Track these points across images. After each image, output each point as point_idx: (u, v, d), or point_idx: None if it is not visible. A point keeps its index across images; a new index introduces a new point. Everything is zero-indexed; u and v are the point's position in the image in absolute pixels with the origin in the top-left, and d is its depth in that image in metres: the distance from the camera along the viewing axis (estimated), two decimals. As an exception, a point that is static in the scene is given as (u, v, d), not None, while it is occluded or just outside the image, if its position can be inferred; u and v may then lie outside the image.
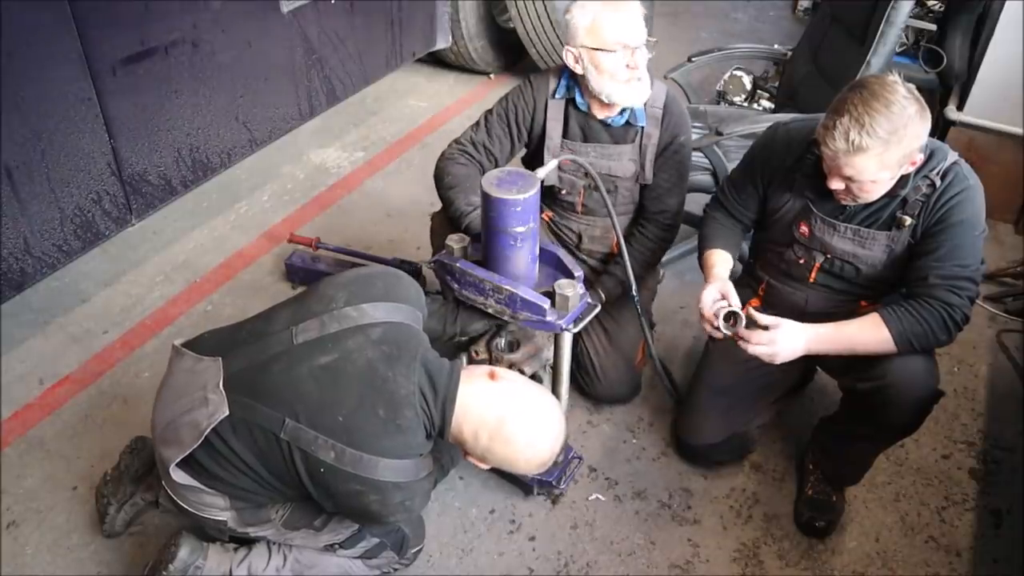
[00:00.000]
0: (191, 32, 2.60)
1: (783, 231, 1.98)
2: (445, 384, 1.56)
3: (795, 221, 1.94)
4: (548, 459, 1.61)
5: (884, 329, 1.74)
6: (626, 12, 1.98)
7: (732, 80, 3.76)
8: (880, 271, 1.88)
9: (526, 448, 1.57)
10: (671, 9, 5.32)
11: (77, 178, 2.39)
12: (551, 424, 1.61)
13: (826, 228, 1.89)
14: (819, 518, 2.08)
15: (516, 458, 1.59)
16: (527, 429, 1.57)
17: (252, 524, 1.71)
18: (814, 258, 1.95)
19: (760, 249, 2.13)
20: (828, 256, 1.92)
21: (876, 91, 1.61)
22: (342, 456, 1.49)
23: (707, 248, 2.06)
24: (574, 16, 2.02)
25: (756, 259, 2.16)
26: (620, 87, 2.02)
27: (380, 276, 1.72)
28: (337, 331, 1.57)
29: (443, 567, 2.00)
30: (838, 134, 1.61)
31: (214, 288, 2.88)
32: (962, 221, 1.74)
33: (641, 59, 2.01)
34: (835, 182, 1.73)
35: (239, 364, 1.59)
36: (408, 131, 3.94)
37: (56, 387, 2.46)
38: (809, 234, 1.92)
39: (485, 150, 2.17)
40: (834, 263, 1.92)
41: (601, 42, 1.98)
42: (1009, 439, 2.35)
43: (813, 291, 2.00)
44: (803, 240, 1.94)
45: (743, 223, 2.10)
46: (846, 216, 1.87)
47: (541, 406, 1.61)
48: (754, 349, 1.78)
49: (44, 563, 1.98)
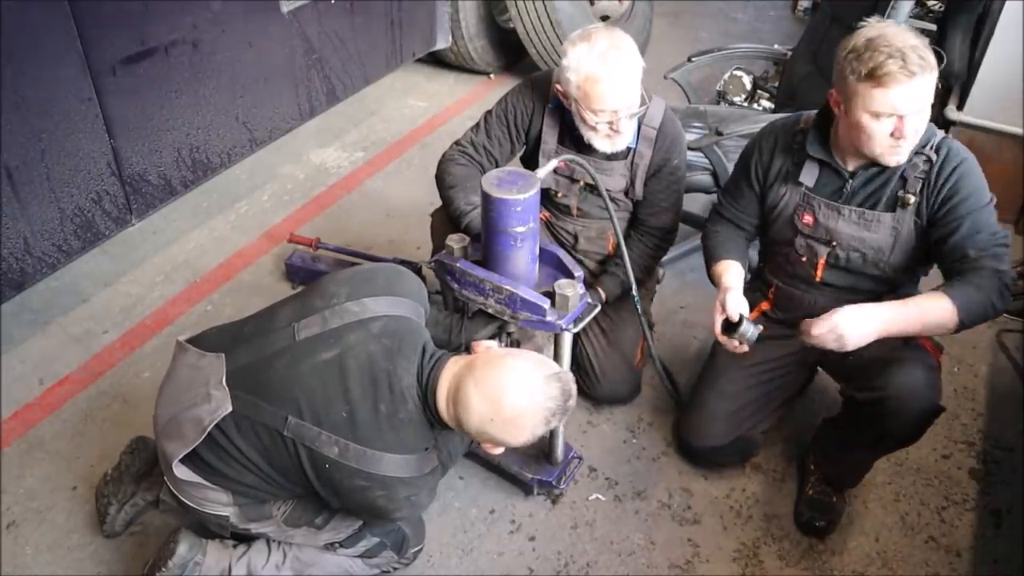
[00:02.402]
0: (191, 32, 2.60)
1: (785, 226, 1.97)
2: (429, 370, 1.55)
3: (796, 212, 1.93)
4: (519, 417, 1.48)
5: (947, 300, 1.68)
6: (617, 79, 1.91)
7: (732, 80, 3.76)
8: (887, 258, 1.87)
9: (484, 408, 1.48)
10: (671, 9, 5.31)
11: (77, 178, 2.39)
12: (512, 380, 1.49)
13: (830, 213, 1.88)
14: (819, 518, 2.08)
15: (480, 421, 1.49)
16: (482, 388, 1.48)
17: (254, 520, 1.71)
18: (818, 253, 1.93)
19: (767, 252, 2.13)
20: (833, 246, 1.90)
21: (889, 31, 1.63)
22: (346, 451, 1.49)
23: (714, 261, 2.03)
24: (569, 61, 1.93)
25: (765, 263, 2.15)
26: (599, 139, 2.03)
27: (381, 271, 1.73)
28: (339, 326, 1.57)
29: (443, 567, 2.00)
30: (892, 66, 1.59)
31: (214, 288, 2.88)
32: (971, 194, 1.74)
33: (625, 124, 1.98)
34: (882, 128, 1.67)
35: (242, 360, 1.59)
36: (408, 131, 3.94)
37: (56, 387, 2.46)
38: (814, 222, 1.90)
39: (485, 151, 2.17)
40: (839, 254, 1.90)
41: (587, 103, 1.95)
42: (1009, 439, 2.35)
43: (820, 292, 2.00)
44: (807, 231, 1.92)
45: (746, 230, 2.09)
46: (846, 198, 1.86)
47: (502, 365, 1.52)
48: (817, 337, 1.71)
49: (44, 563, 1.98)
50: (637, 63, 1.94)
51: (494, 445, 1.60)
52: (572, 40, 1.95)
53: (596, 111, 1.95)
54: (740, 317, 1.84)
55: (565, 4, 3.85)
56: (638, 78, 1.96)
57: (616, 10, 4.31)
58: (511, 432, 1.51)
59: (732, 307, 1.86)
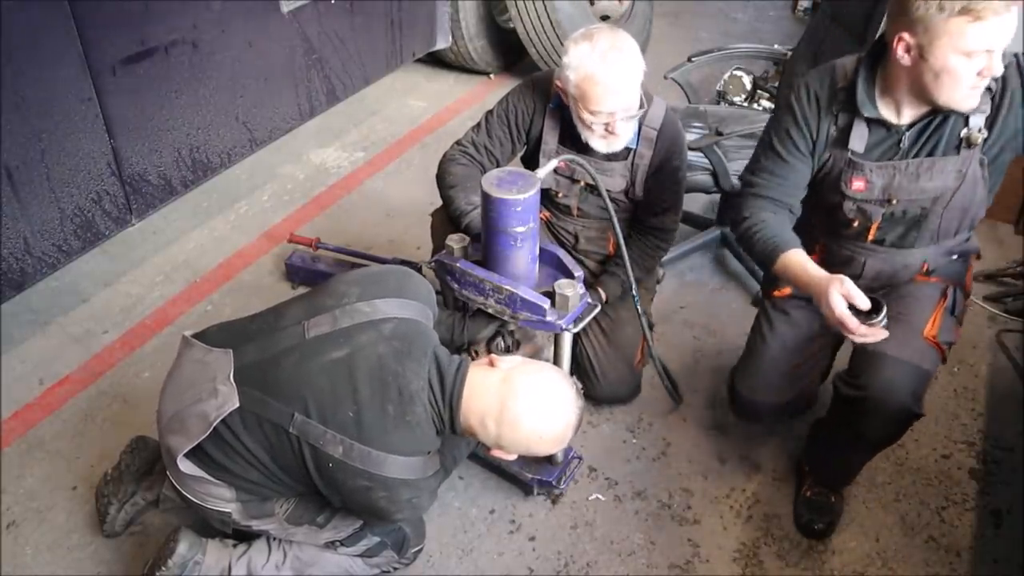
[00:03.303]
0: (191, 32, 2.60)
1: (831, 190, 1.81)
2: (453, 379, 1.56)
3: (843, 178, 1.76)
4: (563, 432, 1.57)
5: None
6: (615, 81, 1.89)
7: (732, 80, 3.76)
8: (949, 201, 1.73)
9: (535, 426, 1.54)
10: (671, 9, 5.31)
11: (77, 178, 2.40)
12: (555, 398, 1.57)
13: (884, 173, 1.73)
14: (818, 520, 2.07)
15: (528, 438, 1.56)
16: (531, 408, 1.54)
17: (256, 517, 1.71)
18: (871, 216, 1.79)
19: (813, 207, 1.91)
20: (890, 203, 1.75)
21: None
22: (350, 451, 1.49)
23: (782, 252, 1.76)
24: (569, 59, 1.92)
25: (811, 217, 1.94)
26: (595, 139, 2.02)
27: (392, 273, 1.73)
28: (349, 326, 1.58)
29: (443, 567, 2.00)
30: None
31: (214, 288, 2.88)
32: None
33: (621, 126, 1.97)
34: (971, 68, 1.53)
35: (250, 357, 1.59)
36: (408, 131, 3.94)
37: (56, 387, 2.46)
38: (865, 186, 1.74)
39: (486, 151, 2.17)
40: (895, 211, 1.76)
41: (584, 103, 1.94)
42: (1009, 439, 2.35)
43: (872, 253, 1.87)
44: (858, 196, 1.76)
45: (792, 211, 1.88)
46: (902, 153, 1.71)
47: (542, 382, 1.58)
48: None
49: (44, 563, 1.98)
50: (638, 66, 1.94)
51: (509, 453, 1.62)
52: (575, 38, 1.95)
53: (593, 111, 1.95)
54: (874, 302, 1.61)
55: (565, 4, 3.85)
56: (638, 81, 1.95)
57: (616, 10, 4.31)
58: (556, 447, 1.63)
59: (861, 296, 1.60)
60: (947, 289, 1.91)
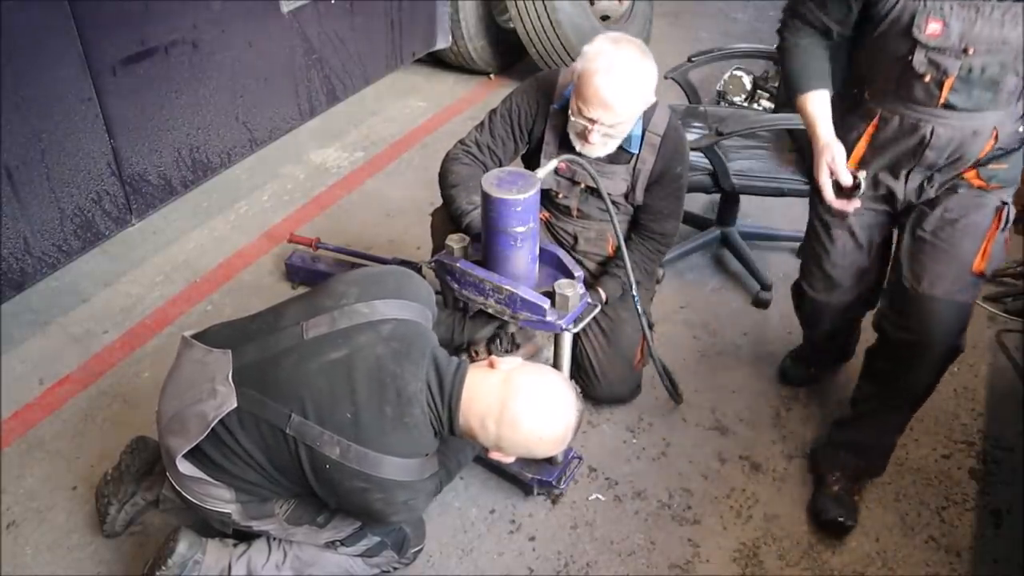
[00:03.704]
0: (191, 32, 2.60)
1: (899, 39, 1.62)
2: (451, 380, 1.56)
3: (917, 21, 1.58)
4: (563, 434, 1.58)
5: None
6: (607, 93, 1.88)
7: (732, 80, 3.76)
8: None
9: (535, 428, 1.55)
10: (671, 9, 5.31)
11: (77, 178, 2.40)
12: (555, 400, 1.57)
13: (966, 15, 1.54)
14: (848, 517, 2.04)
15: (528, 440, 1.56)
16: (531, 409, 1.54)
17: (256, 518, 1.71)
18: (946, 69, 1.60)
19: (866, 70, 1.75)
20: (968, 54, 1.56)
21: None
22: (347, 452, 1.49)
23: (800, 91, 1.72)
24: (589, 48, 1.92)
25: (866, 84, 1.78)
26: (572, 133, 2.03)
27: (392, 274, 1.73)
28: (347, 327, 1.57)
29: (443, 567, 2.00)
30: None
31: (214, 288, 2.88)
32: None
33: (596, 137, 1.96)
34: None
35: (249, 357, 1.59)
36: (408, 131, 3.94)
37: (56, 387, 2.46)
38: (943, 30, 1.56)
39: (489, 151, 2.17)
40: (973, 67, 1.58)
41: (576, 95, 1.94)
42: (1009, 439, 2.35)
43: (940, 119, 1.67)
44: (933, 43, 1.58)
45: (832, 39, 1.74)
46: None
47: (541, 384, 1.58)
48: None
49: (44, 563, 1.98)
50: (638, 94, 1.92)
51: (508, 455, 1.62)
52: (606, 36, 1.94)
53: (578, 108, 1.95)
54: (855, 179, 1.64)
55: (565, 4, 3.85)
56: (633, 107, 1.93)
57: (616, 10, 4.31)
58: (556, 448, 1.63)
59: (844, 172, 1.63)
60: (1002, 208, 1.79)
